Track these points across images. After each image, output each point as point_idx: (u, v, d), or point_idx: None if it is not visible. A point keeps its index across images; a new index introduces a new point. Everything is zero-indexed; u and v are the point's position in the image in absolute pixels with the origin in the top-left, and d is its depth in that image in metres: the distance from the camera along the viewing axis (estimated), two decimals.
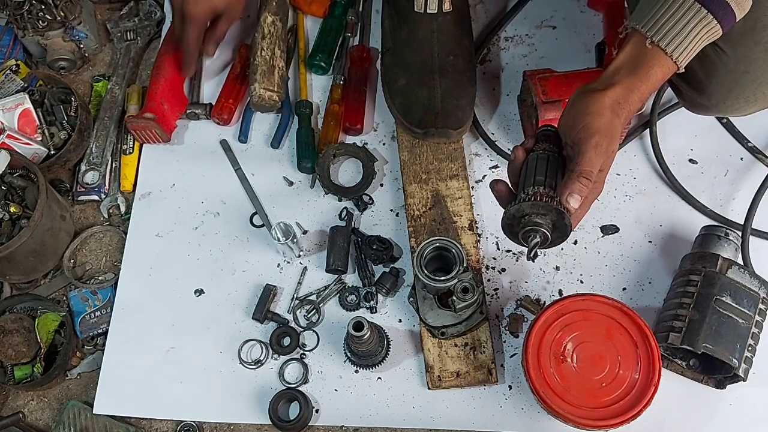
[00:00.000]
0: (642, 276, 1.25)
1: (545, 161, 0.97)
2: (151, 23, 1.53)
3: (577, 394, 1.05)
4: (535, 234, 0.94)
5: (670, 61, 0.93)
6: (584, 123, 0.92)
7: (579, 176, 0.91)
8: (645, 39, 0.92)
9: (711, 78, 1.05)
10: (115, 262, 1.34)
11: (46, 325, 1.24)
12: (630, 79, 0.93)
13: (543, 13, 1.49)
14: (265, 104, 1.37)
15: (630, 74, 0.93)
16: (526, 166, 0.99)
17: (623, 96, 0.93)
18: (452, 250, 1.15)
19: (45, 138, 1.35)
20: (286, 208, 1.34)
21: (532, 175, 0.96)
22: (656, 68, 0.93)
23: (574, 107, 0.95)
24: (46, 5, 1.42)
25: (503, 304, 1.24)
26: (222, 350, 1.24)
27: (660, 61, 0.93)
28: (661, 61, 0.93)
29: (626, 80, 0.93)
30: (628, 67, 0.94)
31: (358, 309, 1.25)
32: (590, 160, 0.91)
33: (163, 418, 1.21)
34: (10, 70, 1.40)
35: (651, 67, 0.93)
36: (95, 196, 1.38)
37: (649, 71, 0.93)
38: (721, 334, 1.09)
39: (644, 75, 0.93)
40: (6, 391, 1.25)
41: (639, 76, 0.93)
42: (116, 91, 1.45)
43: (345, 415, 1.19)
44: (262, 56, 1.37)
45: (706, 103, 1.10)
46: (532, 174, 0.96)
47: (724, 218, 1.28)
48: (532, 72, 1.29)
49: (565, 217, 0.93)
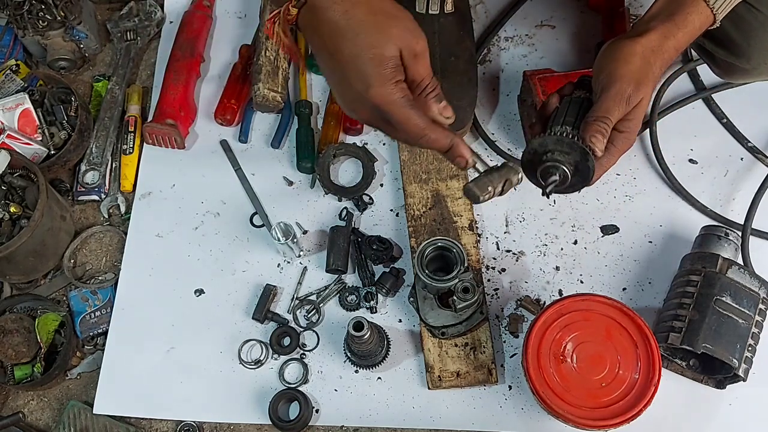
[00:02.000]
0: (642, 276, 1.25)
1: (578, 105, 0.95)
2: (151, 23, 1.53)
3: (577, 394, 1.05)
4: (555, 171, 0.92)
5: (708, 10, 0.91)
6: (608, 70, 0.91)
7: (595, 120, 0.89)
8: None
9: (749, 39, 1.04)
10: (115, 262, 1.34)
11: (46, 325, 1.24)
12: (666, 25, 0.91)
13: (543, 13, 1.49)
14: (269, 104, 1.37)
15: (666, 20, 0.92)
16: (557, 110, 0.96)
17: (658, 43, 0.91)
18: (453, 250, 1.15)
19: (45, 138, 1.35)
20: (286, 208, 1.34)
21: (562, 115, 0.94)
22: (694, 15, 0.91)
23: (604, 54, 0.93)
24: (46, 5, 1.42)
25: (503, 304, 1.24)
26: (222, 350, 1.24)
27: (698, 8, 0.91)
28: (699, 8, 0.91)
29: (662, 26, 0.91)
30: (665, 13, 0.92)
31: (358, 309, 1.25)
32: (607, 108, 0.89)
33: (163, 418, 1.21)
34: (10, 70, 1.40)
35: (689, 13, 0.91)
36: (95, 196, 1.38)
37: (686, 18, 0.91)
38: (721, 334, 1.09)
39: (681, 21, 0.91)
40: (6, 391, 1.25)
41: (676, 22, 0.91)
42: (116, 91, 1.45)
43: (345, 415, 1.19)
44: (267, 56, 1.37)
45: (746, 66, 1.09)
46: (562, 115, 0.94)
47: (724, 218, 1.28)
48: (532, 72, 1.29)
49: (590, 158, 0.90)
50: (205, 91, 1.47)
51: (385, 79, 0.80)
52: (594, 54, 1.40)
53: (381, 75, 0.80)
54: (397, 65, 0.81)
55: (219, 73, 1.48)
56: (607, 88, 0.90)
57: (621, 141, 0.94)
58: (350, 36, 0.79)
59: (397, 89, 0.81)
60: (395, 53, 0.80)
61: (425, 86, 0.83)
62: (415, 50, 0.81)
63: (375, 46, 0.79)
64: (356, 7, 0.79)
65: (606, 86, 0.91)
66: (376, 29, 0.79)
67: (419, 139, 0.85)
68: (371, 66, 0.79)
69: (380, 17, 0.80)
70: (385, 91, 0.80)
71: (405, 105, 0.82)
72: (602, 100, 0.90)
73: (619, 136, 0.93)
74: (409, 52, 0.81)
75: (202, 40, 1.48)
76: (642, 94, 0.91)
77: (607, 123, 0.90)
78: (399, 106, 0.82)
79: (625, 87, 0.90)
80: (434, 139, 0.85)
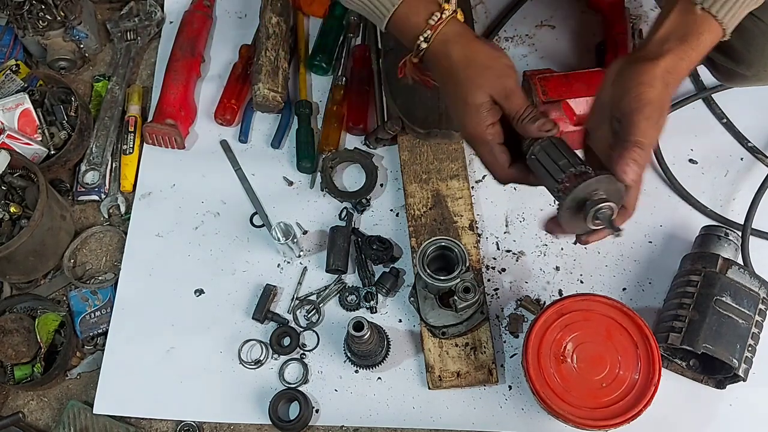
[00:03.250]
0: (642, 276, 1.25)
1: (554, 147, 0.91)
2: (151, 23, 1.53)
3: (577, 394, 1.05)
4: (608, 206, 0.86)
5: (719, 27, 0.92)
6: (636, 93, 0.89)
7: (634, 146, 0.88)
8: (693, 5, 0.91)
9: (750, 47, 1.04)
10: (115, 262, 1.34)
11: (46, 325, 1.24)
12: (681, 47, 0.91)
13: (543, 13, 1.49)
14: (269, 105, 1.37)
15: (681, 42, 0.92)
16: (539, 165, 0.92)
17: (673, 65, 0.91)
18: (455, 250, 1.15)
19: (45, 138, 1.35)
20: (286, 208, 1.34)
21: (553, 164, 0.90)
22: (706, 34, 0.92)
23: (624, 77, 0.92)
24: (46, 5, 1.42)
25: (503, 304, 1.24)
26: (222, 350, 1.24)
27: (710, 27, 0.92)
28: (710, 26, 0.92)
29: (677, 49, 0.91)
30: (677, 35, 0.92)
31: (358, 309, 1.25)
32: (645, 131, 0.88)
33: (163, 418, 1.21)
34: (10, 70, 1.40)
35: (701, 33, 0.92)
36: (95, 196, 1.38)
37: (699, 38, 0.92)
38: (721, 334, 1.09)
39: (695, 42, 0.91)
40: (6, 391, 1.25)
41: (690, 44, 0.91)
42: (116, 91, 1.45)
43: (345, 415, 1.19)
44: (267, 56, 1.37)
45: (745, 73, 1.10)
46: (552, 163, 0.90)
47: (724, 218, 1.28)
48: (532, 72, 1.29)
49: (618, 182, 0.87)
50: (205, 91, 1.47)
51: (475, 124, 0.93)
52: (594, 54, 1.41)
53: (472, 120, 0.93)
54: (488, 109, 0.93)
55: (219, 73, 1.48)
56: (639, 111, 0.89)
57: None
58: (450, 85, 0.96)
59: (486, 132, 0.93)
60: (485, 99, 0.93)
61: (520, 115, 0.92)
62: (506, 91, 0.93)
63: (467, 95, 0.93)
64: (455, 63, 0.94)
65: (637, 109, 0.89)
66: (468, 81, 0.93)
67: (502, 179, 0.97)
68: (464, 112, 0.94)
69: (472, 70, 0.93)
70: (475, 132, 0.94)
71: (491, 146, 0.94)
72: (637, 123, 0.89)
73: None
74: (499, 94, 0.93)
75: (202, 40, 1.48)
76: (665, 119, 0.91)
77: (644, 148, 0.89)
78: (485, 147, 0.95)
79: (654, 111, 0.89)
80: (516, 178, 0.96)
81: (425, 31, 0.95)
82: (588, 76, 1.26)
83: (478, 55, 0.94)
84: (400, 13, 0.96)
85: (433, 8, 0.95)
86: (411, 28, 0.96)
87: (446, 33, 0.95)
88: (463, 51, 0.94)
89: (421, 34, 0.95)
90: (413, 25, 0.96)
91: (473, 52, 0.94)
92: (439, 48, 0.95)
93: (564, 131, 1.25)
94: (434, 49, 0.96)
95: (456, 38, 0.95)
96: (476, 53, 0.94)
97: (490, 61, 0.94)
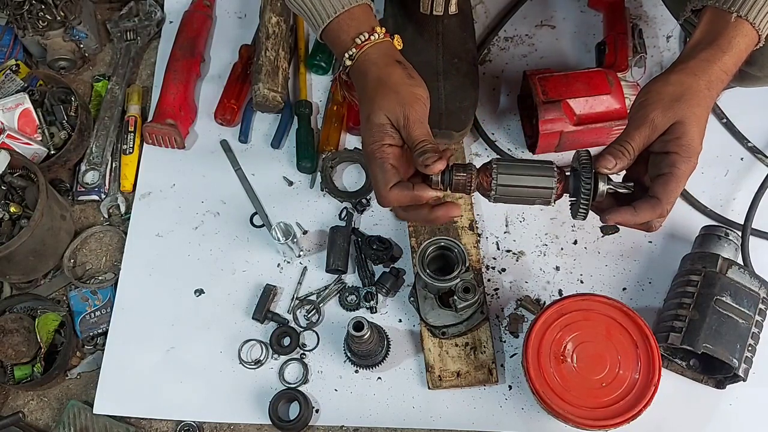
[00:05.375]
0: (642, 276, 1.25)
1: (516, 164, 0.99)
2: (151, 23, 1.53)
3: (577, 394, 1.05)
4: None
5: (753, 31, 0.94)
6: (640, 101, 0.95)
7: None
8: (727, 14, 0.93)
9: (762, 48, 1.05)
10: (115, 262, 1.34)
11: (46, 325, 1.24)
12: (708, 51, 0.94)
13: (543, 13, 1.49)
14: (269, 105, 1.37)
15: (708, 47, 0.94)
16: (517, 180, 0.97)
17: (701, 67, 0.94)
18: (455, 250, 1.15)
19: (45, 138, 1.35)
20: (286, 208, 1.34)
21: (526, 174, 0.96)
22: (739, 38, 0.94)
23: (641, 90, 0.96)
24: (46, 5, 1.42)
25: (503, 304, 1.24)
26: (222, 350, 1.24)
27: (742, 30, 0.94)
28: (743, 30, 0.94)
29: (704, 53, 0.94)
30: (706, 40, 0.95)
31: (358, 309, 1.25)
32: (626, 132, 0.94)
33: (163, 418, 1.21)
34: (10, 70, 1.40)
35: (732, 37, 0.94)
36: (95, 196, 1.38)
37: (731, 42, 0.94)
38: (721, 334, 1.09)
39: (726, 45, 0.94)
40: (6, 391, 1.25)
41: (720, 47, 0.94)
42: (116, 91, 1.45)
43: (345, 415, 1.19)
44: (267, 56, 1.37)
45: (757, 74, 1.11)
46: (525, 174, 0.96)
47: (724, 218, 1.28)
48: (532, 72, 1.29)
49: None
50: (205, 91, 1.47)
51: (371, 141, 0.97)
52: (594, 54, 1.41)
53: (369, 137, 0.98)
54: (385, 131, 0.97)
55: (219, 73, 1.48)
56: (633, 118, 0.94)
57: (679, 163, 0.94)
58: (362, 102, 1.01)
59: (377, 150, 0.96)
60: (385, 121, 0.96)
61: (415, 146, 0.96)
62: (404, 119, 0.96)
63: (370, 113, 0.97)
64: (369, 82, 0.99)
65: (633, 116, 0.95)
66: (372, 101, 0.97)
67: (382, 197, 0.98)
68: (365, 128, 0.99)
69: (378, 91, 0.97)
70: (369, 149, 0.98)
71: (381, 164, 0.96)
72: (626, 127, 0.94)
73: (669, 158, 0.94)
74: (397, 120, 0.96)
75: (202, 40, 1.48)
76: (673, 116, 0.92)
77: (624, 145, 0.93)
78: (375, 164, 0.97)
79: (650, 112, 0.92)
80: (388, 201, 0.98)
81: (351, 48, 1.00)
82: (588, 76, 1.26)
83: (390, 78, 0.98)
84: (333, 27, 1.01)
85: (364, 29, 1.00)
86: (341, 43, 1.01)
87: (370, 53, 1.00)
88: (378, 72, 0.98)
89: (347, 51, 1.00)
90: (342, 42, 1.01)
91: (386, 75, 0.98)
92: (360, 67, 1.00)
93: (564, 131, 1.25)
94: (357, 67, 1.01)
95: (377, 60, 1.00)
96: (389, 76, 0.98)
97: (399, 87, 0.97)
